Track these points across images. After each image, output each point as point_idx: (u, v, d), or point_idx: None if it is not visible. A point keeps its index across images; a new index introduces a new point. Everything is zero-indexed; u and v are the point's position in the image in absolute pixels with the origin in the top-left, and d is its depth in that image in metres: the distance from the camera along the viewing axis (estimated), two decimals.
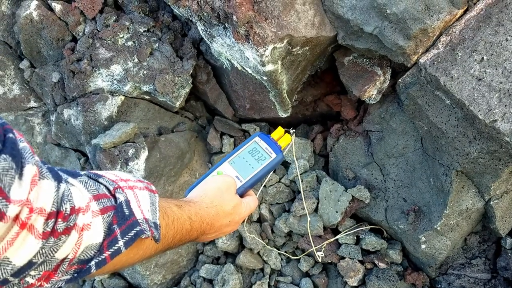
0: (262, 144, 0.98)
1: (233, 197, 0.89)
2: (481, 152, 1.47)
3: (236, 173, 0.94)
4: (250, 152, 0.97)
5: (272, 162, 0.95)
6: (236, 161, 0.96)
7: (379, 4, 1.51)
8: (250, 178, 0.94)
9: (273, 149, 0.97)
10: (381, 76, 1.76)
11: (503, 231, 1.70)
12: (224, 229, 0.89)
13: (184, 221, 0.75)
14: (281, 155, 0.97)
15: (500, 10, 1.42)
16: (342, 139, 2.06)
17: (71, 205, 0.51)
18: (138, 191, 0.65)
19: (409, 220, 1.80)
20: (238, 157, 0.97)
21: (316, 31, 1.65)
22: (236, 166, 0.95)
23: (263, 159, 0.96)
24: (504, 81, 1.38)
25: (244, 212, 0.92)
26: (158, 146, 1.97)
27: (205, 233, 0.84)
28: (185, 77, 1.93)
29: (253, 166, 0.95)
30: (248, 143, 0.99)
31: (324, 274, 2.01)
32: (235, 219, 0.89)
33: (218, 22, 1.61)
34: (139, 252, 0.65)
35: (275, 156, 0.96)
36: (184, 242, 0.79)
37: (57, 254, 0.50)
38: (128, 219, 0.59)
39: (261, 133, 1.01)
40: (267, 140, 0.99)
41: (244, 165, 0.95)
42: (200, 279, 2.12)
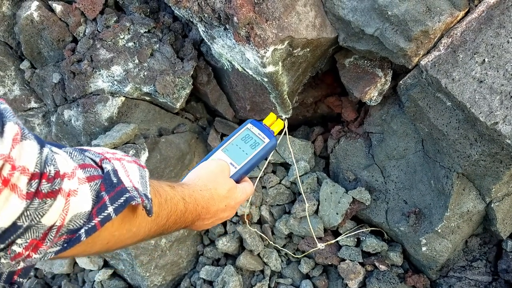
0: (255, 130, 0.97)
1: (227, 180, 0.88)
2: (482, 154, 1.46)
3: (230, 160, 0.93)
4: (243, 139, 0.97)
5: (266, 147, 0.95)
6: (229, 148, 0.95)
7: (380, 6, 1.50)
8: (245, 164, 0.93)
9: (266, 134, 0.96)
10: (382, 77, 1.75)
11: (504, 233, 1.69)
12: (220, 215, 0.87)
13: (178, 201, 0.73)
14: (274, 139, 0.97)
15: (502, 12, 1.42)
16: (343, 141, 2.06)
17: (55, 169, 0.48)
18: (126, 163, 0.63)
19: (409, 222, 1.80)
20: (231, 145, 0.96)
21: (317, 33, 1.65)
22: (230, 153, 0.95)
23: (257, 145, 0.95)
24: (505, 83, 1.37)
25: (240, 197, 0.90)
26: (158, 147, 1.97)
27: (200, 218, 0.81)
28: (186, 78, 1.92)
29: (247, 152, 0.94)
30: (241, 130, 0.98)
31: (324, 276, 2.00)
32: (231, 203, 0.88)
33: (219, 24, 1.61)
34: (132, 229, 0.62)
35: (269, 141, 0.95)
36: (179, 226, 0.76)
37: (44, 220, 0.47)
38: (117, 186, 0.56)
39: (253, 120, 1.01)
40: (259, 126, 0.98)
41: (237, 152, 0.95)
42: (200, 280, 2.12)
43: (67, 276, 2.33)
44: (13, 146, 0.42)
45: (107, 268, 2.19)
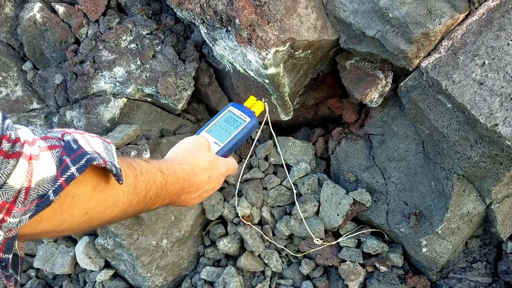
0: (236, 111, 1.04)
1: (206, 153, 0.92)
2: (483, 156, 1.47)
3: (214, 139, 1.00)
4: (225, 120, 1.03)
5: (248, 125, 1.01)
6: (213, 129, 1.02)
7: (381, 8, 1.51)
8: (228, 142, 0.99)
9: (247, 114, 1.03)
10: (383, 79, 1.76)
11: (504, 235, 1.70)
12: (205, 186, 0.90)
13: (156, 174, 0.75)
14: (255, 119, 1.03)
15: (502, 15, 1.43)
16: (344, 142, 2.07)
17: (16, 135, 0.50)
18: (88, 136, 0.64)
19: (410, 224, 1.80)
20: (215, 126, 1.02)
21: (318, 35, 1.66)
22: (214, 133, 1.01)
23: (239, 124, 1.02)
24: (505, 86, 1.38)
25: (222, 168, 0.94)
26: (160, 148, 1.98)
27: (185, 191, 0.84)
28: (188, 80, 1.93)
29: (230, 131, 1.01)
30: (223, 112, 1.05)
31: (325, 277, 2.01)
32: (214, 174, 0.91)
33: (220, 25, 1.62)
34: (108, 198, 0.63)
35: (250, 120, 1.02)
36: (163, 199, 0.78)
37: (10, 181, 0.49)
38: (77, 151, 0.58)
39: (233, 103, 1.08)
40: (240, 108, 1.05)
41: (221, 132, 1.01)
42: (201, 281, 2.13)
43: (68, 276, 2.34)
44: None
45: (108, 268, 2.19)
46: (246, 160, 2.10)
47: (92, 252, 2.15)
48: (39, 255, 2.30)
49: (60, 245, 2.28)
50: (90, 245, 2.15)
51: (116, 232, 1.95)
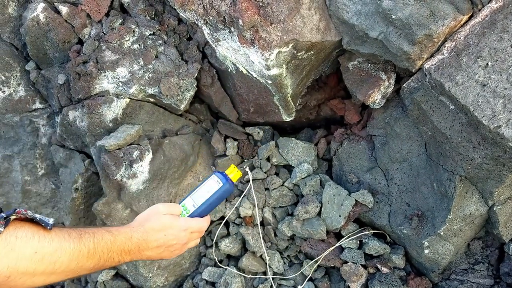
0: (215, 178, 1.24)
1: (160, 217, 1.10)
2: (485, 157, 1.47)
3: (193, 202, 1.21)
4: (206, 186, 1.23)
5: (220, 189, 1.21)
6: (195, 194, 1.22)
7: (384, 10, 1.51)
8: (202, 204, 1.20)
9: (222, 181, 1.22)
10: (386, 81, 1.76)
11: (506, 236, 1.70)
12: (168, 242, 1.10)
13: (103, 233, 0.93)
14: (228, 184, 1.23)
15: (505, 17, 1.43)
16: (346, 144, 2.07)
17: None
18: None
19: (412, 225, 1.80)
20: (198, 191, 1.23)
21: (321, 36, 1.66)
22: (194, 197, 1.22)
23: (214, 189, 1.22)
24: (508, 87, 1.38)
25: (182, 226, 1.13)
26: (162, 149, 1.98)
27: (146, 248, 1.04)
28: (190, 80, 1.94)
29: (204, 195, 1.21)
30: (206, 180, 1.25)
31: (326, 278, 2.01)
32: (170, 232, 1.10)
33: (223, 26, 1.62)
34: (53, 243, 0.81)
35: (222, 184, 1.22)
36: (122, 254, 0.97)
37: None
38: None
39: (216, 171, 1.28)
40: (219, 176, 1.24)
41: (200, 196, 1.21)
42: (203, 281, 2.13)
43: None
44: None
45: (110, 268, 2.19)
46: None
47: None
48: None
49: None
50: None
51: None
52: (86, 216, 2.19)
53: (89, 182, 2.14)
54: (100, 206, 1.95)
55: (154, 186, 1.98)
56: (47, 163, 2.26)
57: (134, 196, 1.92)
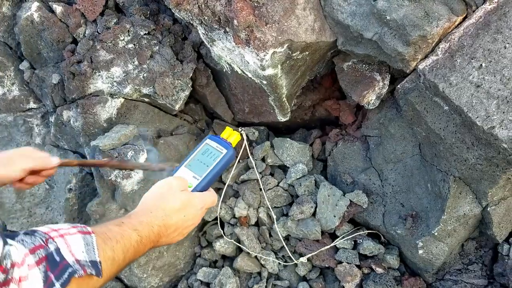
0: (213, 144, 1.06)
1: (178, 194, 0.94)
2: (479, 158, 1.48)
3: (193, 173, 1.02)
4: (203, 153, 1.06)
5: (224, 157, 1.04)
6: (192, 164, 1.04)
7: (379, 11, 1.52)
8: (206, 175, 1.01)
9: (223, 146, 1.05)
10: (380, 81, 1.77)
11: (500, 237, 1.70)
12: (184, 224, 0.94)
13: (130, 235, 0.81)
14: (232, 150, 1.05)
15: (499, 18, 1.44)
16: (341, 144, 2.07)
17: (11, 262, 0.61)
18: (69, 237, 0.72)
19: (406, 226, 1.81)
20: (193, 160, 1.04)
21: (316, 36, 1.66)
22: (192, 167, 1.03)
23: (216, 156, 1.04)
24: (502, 88, 1.39)
25: (199, 204, 0.97)
26: (157, 149, 1.97)
27: (163, 235, 0.90)
28: (185, 80, 1.93)
29: (208, 164, 1.03)
30: (200, 146, 1.07)
31: (321, 278, 2.01)
32: (190, 211, 0.95)
33: (219, 26, 1.62)
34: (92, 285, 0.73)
35: (226, 151, 1.04)
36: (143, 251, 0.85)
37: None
38: (60, 264, 0.67)
39: (210, 135, 1.09)
40: (217, 140, 1.07)
41: (199, 165, 1.04)
42: (198, 282, 2.12)
43: None
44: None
45: None
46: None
47: None
48: None
49: None
50: None
51: None
52: (80, 217, 2.18)
53: (83, 182, 2.13)
54: (94, 207, 1.94)
55: (149, 187, 1.97)
56: None
57: (128, 196, 1.91)
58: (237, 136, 1.11)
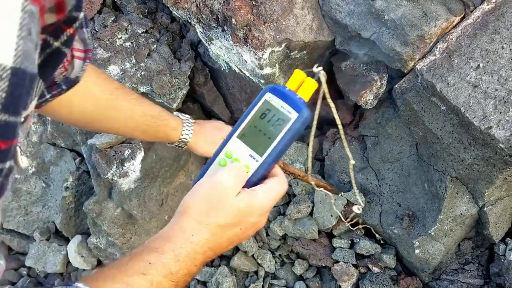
0: (276, 101, 0.71)
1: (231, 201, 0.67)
2: (476, 158, 1.48)
3: (250, 150, 0.70)
4: (262, 116, 0.71)
5: (295, 125, 0.68)
6: (247, 133, 0.71)
7: (377, 10, 1.52)
8: (270, 153, 0.69)
9: (292, 105, 0.69)
10: (378, 81, 1.77)
11: (496, 237, 1.71)
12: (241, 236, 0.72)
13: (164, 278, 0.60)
14: (305, 111, 0.69)
15: (497, 18, 1.44)
16: (338, 144, 2.07)
17: None
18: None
19: (403, 225, 1.81)
20: (249, 127, 0.71)
21: (314, 36, 1.66)
22: (248, 140, 0.71)
23: (281, 122, 0.69)
24: (499, 88, 1.39)
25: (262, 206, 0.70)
26: (154, 147, 1.97)
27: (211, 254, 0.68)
28: (183, 79, 1.93)
29: (270, 136, 0.69)
30: (258, 104, 0.73)
31: (318, 277, 2.01)
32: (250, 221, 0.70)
33: (216, 25, 1.62)
34: None
35: (297, 115, 0.68)
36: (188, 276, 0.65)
37: None
38: None
39: (273, 86, 0.73)
40: (282, 95, 0.71)
41: (257, 137, 0.70)
42: (194, 281, 2.12)
43: (60, 275, 2.32)
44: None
45: (100, 267, 2.18)
46: None
47: (84, 251, 2.14)
48: (31, 253, 2.29)
49: (52, 244, 2.26)
50: (82, 244, 2.14)
51: (109, 231, 1.94)
52: (77, 215, 2.18)
53: (80, 180, 2.13)
54: (91, 205, 1.94)
55: (146, 185, 1.97)
56: (37, 161, 2.24)
57: (125, 195, 1.91)
58: (311, 85, 0.72)
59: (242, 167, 0.70)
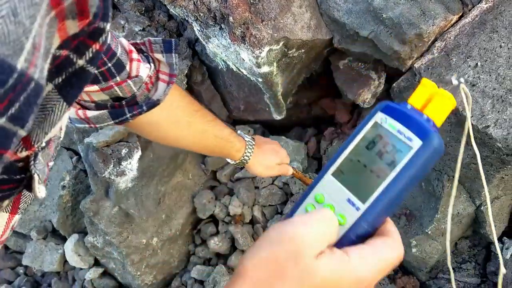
0: (391, 124, 0.49)
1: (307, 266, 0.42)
2: (473, 157, 1.48)
3: (348, 193, 0.49)
4: (369, 146, 0.50)
5: (418, 157, 0.46)
6: (346, 169, 0.50)
7: (375, 9, 1.51)
8: (377, 200, 0.47)
9: (415, 129, 0.47)
10: (376, 80, 1.77)
11: (493, 236, 1.71)
12: None
13: None
14: (435, 138, 0.47)
15: (495, 17, 1.44)
16: (336, 143, 2.07)
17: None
18: None
19: (400, 224, 1.81)
20: (350, 162, 0.51)
21: (312, 34, 1.65)
22: (347, 179, 0.50)
23: (397, 156, 0.47)
24: (497, 87, 1.39)
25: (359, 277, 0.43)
26: (151, 146, 1.96)
27: None
28: (180, 77, 1.92)
29: (379, 174, 0.47)
30: (364, 128, 0.51)
31: None
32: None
33: (214, 23, 1.61)
34: None
35: (420, 144, 0.46)
36: None
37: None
38: None
39: (387, 103, 0.52)
40: (400, 115, 0.49)
41: (361, 175, 0.49)
42: (191, 280, 2.12)
43: (57, 274, 2.32)
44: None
45: (97, 266, 2.18)
46: None
47: (81, 250, 2.14)
48: (27, 252, 2.28)
49: (49, 243, 2.26)
50: (79, 243, 2.14)
51: (106, 230, 1.93)
52: (74, 214, 2.17)
53: (77, 179, 2.12)
54: (87, 204, 1.93)
55: (143, 184, 1.96)
56: None
57: (122, 194, 1.90)
58: (448, 101, 0.52)
59: (334, 216, 0.47)
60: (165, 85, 0.81)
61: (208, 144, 1.11)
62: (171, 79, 0.82)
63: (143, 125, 0.95)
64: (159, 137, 1.06)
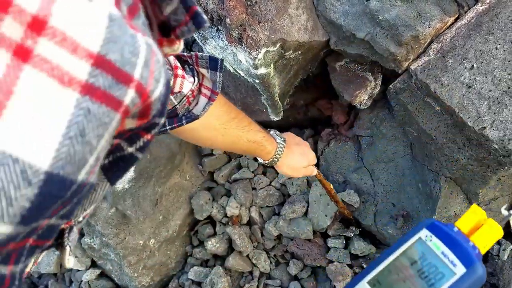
0: (436, 244, 0.51)
1: None
2: (470, 158, 1.48)
3: None
4: (412, 262, 0.50)
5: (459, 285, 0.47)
6: (384, 280, 0.50)
7: (371, 10, 1.52)
8: None
9: (459, 255, 0.49)
10: (372, 81, 1.77)
11: None
12: None
13: None
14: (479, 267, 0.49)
15: (491, 19, 1.44)
16: (333, 144, 2.07)
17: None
18: None
19: (397, 225, 1.81)
20: (388, 273, 0.50)
21: (309, 36, 1.66)
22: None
23: (438, 279, 0.48)
24: (493, 89, 1.39)
25: None
26: (148, 147, 1.96)
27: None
28: None
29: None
30: (408, 242, 0.52)
31: (312, 277, 2.01)
32: None
33: (211, 24, 1.61)
34: None
35: (464, 271, 0.47)
36: None
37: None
38: None
39: (433, 221, 0.54)
40: (446, 236, 0.51)
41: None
42: (189, 281, 2.12)
43: (54, 275, 2.31)
44: None
45: (94, 268, 2.17)
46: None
47: (78, 251, 2.13)
48: None
49: None
50: (76, 244, 2.13)
51: (103, 232, 1.93)
52: None
53: None
54: None
55: (140, 185, 1.96)
56: None
57: (119, 195, 1.90)
58: (495, 231, 0.52)
59: None
60: (206, 101, 0.85)
61: (240, 147, 1.18)
62: (212, 96, 0.85)
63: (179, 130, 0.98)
64: (193, 140, 1.11)
